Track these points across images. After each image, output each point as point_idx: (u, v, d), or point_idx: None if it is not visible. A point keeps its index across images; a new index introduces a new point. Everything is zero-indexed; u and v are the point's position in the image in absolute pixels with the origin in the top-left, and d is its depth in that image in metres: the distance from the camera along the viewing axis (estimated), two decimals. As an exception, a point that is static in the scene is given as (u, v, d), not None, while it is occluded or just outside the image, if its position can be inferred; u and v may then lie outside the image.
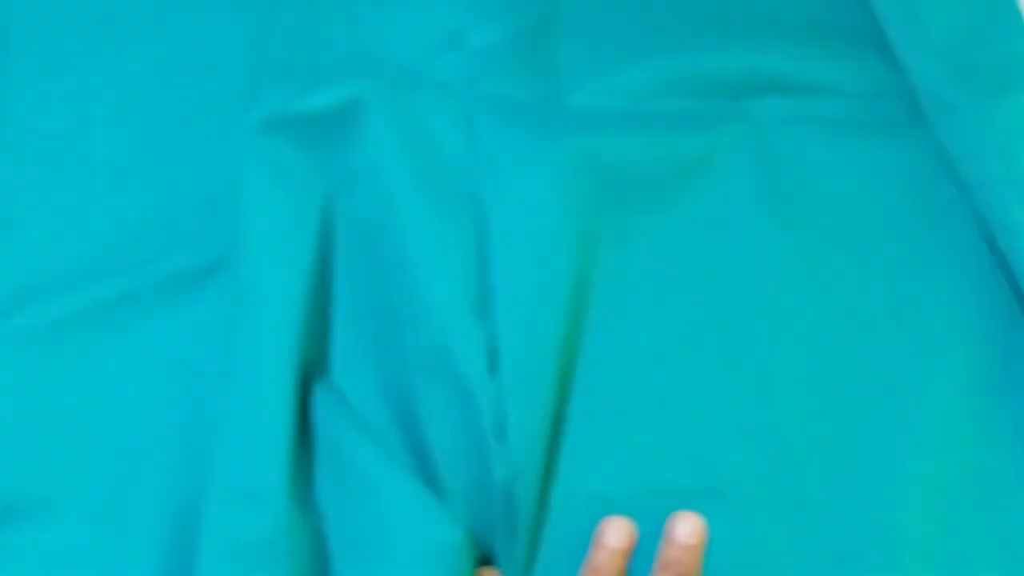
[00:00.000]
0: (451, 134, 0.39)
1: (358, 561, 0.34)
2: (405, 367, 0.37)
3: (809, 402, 0.37)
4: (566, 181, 0.38)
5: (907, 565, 0.36)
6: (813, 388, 0.38)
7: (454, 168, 0.39)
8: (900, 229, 0.40)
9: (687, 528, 0.35)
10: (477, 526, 0.36)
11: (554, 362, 0.36)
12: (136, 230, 0.39)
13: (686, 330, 0.38)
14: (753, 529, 0.36)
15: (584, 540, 0.36)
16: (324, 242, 0.38)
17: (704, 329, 0.38)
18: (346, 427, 0.35)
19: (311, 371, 0.37)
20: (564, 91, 0.40)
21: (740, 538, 0.36)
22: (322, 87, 0.39)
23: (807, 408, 0.37)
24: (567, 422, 0.37)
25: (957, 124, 0.39)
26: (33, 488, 0.36)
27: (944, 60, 0.40)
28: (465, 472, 0.36)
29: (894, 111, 0.41)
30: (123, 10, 0.42)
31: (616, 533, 0.35)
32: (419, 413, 0.36)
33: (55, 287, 0.38)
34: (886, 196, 0.40)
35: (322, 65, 0.39)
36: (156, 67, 0.41)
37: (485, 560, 0.36)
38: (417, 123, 0.39)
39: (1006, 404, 0.37)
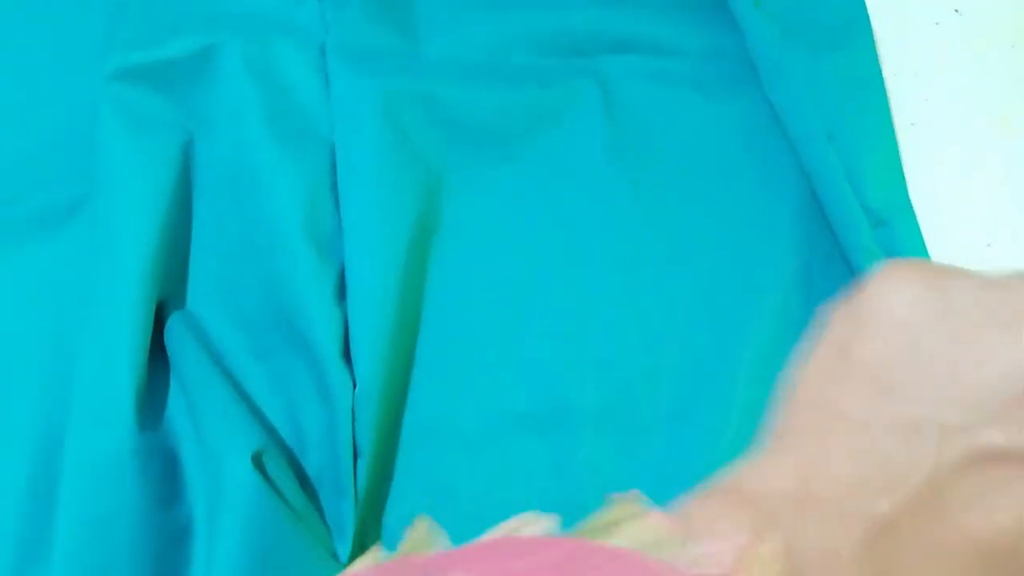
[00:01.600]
0: (305, 79, 0.41)
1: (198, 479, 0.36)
2: (260, 299, 0.39)
3: (644, 337, 0.40)
4: (412, 128, 0.40)
5: None
6: (648, 324, 0.40)
7: (307, 111, 0.40)
8: (732, 180, 0.42)
9: None
10: (330, 449, 0.38)
11: (397, 294, 0.38)
12: (3, 169, 0.41)
13: (531, 271, 0.40)
14: (590, 452, 0.38)
15: (434, 467, 0.38)
16: (182, 183, 0.39)
17: (548, 270, 0.40)
18: (195, 354, 0.37)
19: (169, 303, 0.38)
20: (421, 41, 0.42)
21: (577, 461, 0.38)
22: (180, 35, 0.40)
23: (643, 342, 0.40)
24: (415, 352, 0.39)
25: (785, 82, 0.42)
26: None
27: (775, 21, 0.42)
28: (315, 396, 0.38)
29: (731, 70, 0.43)
30: None
31: None
32: (271, 343, 0.38)
33: None
34: (721, 150, 0.42)
35: (180, 14, 0.40)
36: (20, 13, 0.42)
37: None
38: (272, 68, 0.40)
39: None
